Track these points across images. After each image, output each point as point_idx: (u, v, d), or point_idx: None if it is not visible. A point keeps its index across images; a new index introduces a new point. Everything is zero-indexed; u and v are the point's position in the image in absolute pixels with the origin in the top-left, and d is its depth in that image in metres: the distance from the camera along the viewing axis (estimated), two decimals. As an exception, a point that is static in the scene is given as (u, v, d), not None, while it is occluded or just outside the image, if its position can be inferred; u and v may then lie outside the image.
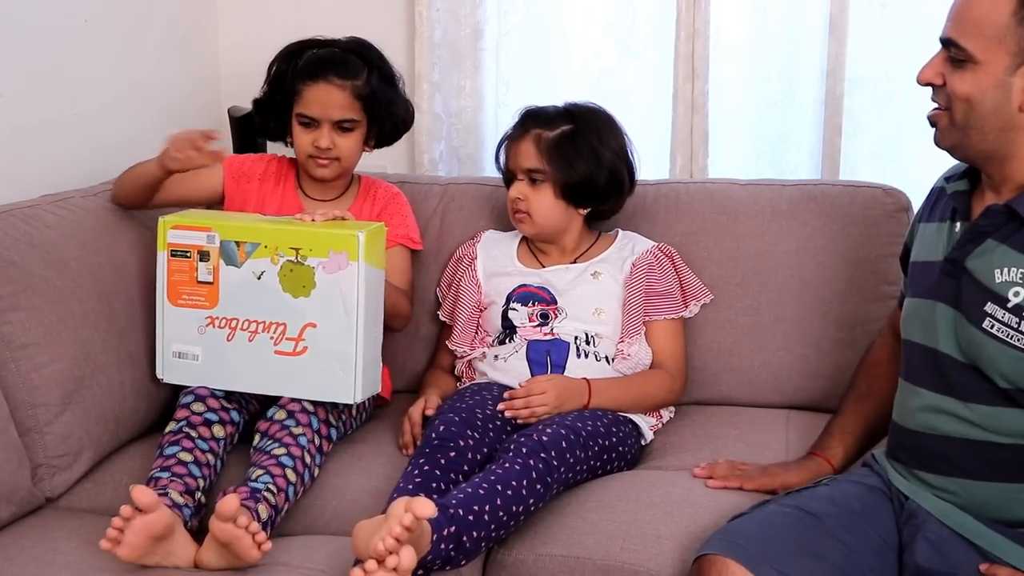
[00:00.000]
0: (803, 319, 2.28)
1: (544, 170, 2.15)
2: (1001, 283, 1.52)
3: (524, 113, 2.23)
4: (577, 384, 2.07)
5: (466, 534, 1.67)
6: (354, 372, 1.93)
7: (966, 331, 1.56)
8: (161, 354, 2.03)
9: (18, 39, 2.20)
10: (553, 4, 2.77)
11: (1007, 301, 1.51)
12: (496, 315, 2.22)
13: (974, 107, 1.52)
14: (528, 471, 1.79)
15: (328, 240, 1.91)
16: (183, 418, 1.92)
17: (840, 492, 1.68)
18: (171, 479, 1.80)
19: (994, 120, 1.52)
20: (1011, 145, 1.54)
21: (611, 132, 2.20)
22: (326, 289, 1.92)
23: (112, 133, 2.49)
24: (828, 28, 2.61)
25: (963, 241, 1.59)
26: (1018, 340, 1.50)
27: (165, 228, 1.99)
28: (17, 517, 1.81)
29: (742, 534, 1.59)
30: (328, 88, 2.14)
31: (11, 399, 1.85)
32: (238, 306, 1.97)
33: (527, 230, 2.23)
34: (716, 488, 1.88)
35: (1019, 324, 1.50)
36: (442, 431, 1.92)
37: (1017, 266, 1.51)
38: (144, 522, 1.61)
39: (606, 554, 1.76)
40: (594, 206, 2.22)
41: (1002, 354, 1.52)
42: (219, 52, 2.92)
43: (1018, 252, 1.52)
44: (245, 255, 1.95)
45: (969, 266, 1.57)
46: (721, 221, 2.32)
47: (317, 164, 2.19)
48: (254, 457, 1.89)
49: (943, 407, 1.61)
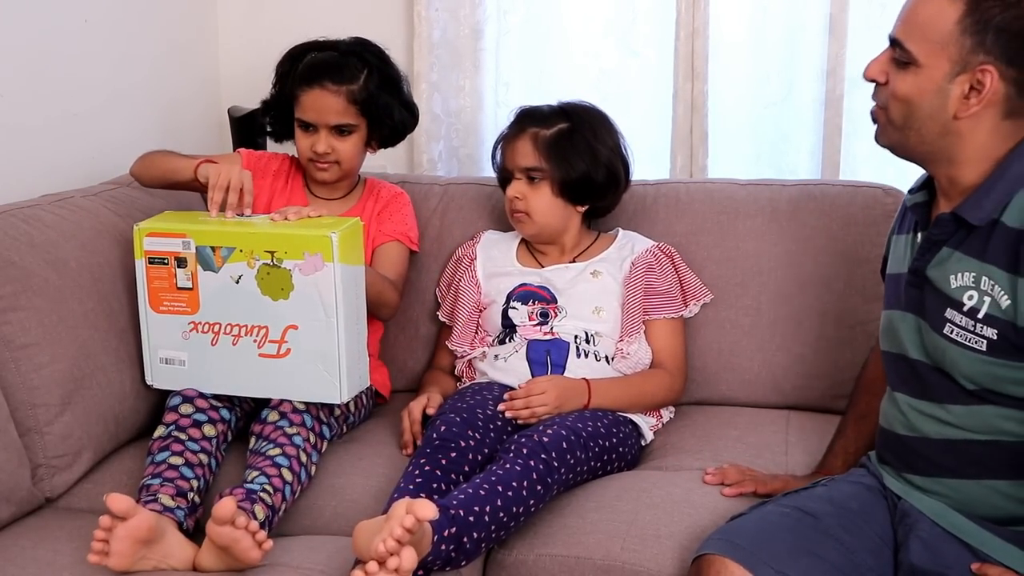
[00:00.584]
0: (803, 319, 2.28)
1: (542, 168, 2.16)
2: (956, 288, 1.55)
3: (520, 112, 2.24)
4: (577, 384, 2.07)
5: (466, 535, 1.67)
6: (338, 372, 1.92)
7: (930, 338, 1.59)
8: (149, 360, 2.02)
9: (18, 39, 2.19)
10: (553, 4, 2.77)
11: (962, 305, 1.54)
12: (496, 314, 2.22)
13: (912, 109, 1.54)
14: (529, 472, 1.79)
15: (302, 242, 1.89)
16: (171, 422, 1.91)
17: (838, 492, 1.69)
18: (162, 484, 1.79)
19: (931, 124, 1.54)
20: (951, 149, 1.55)
21: (606, 129, 2.22)
22: (304, 291, 1.90)
23: (112, 133, 2.49)
24: (828, 28, 2.61)
25: (922, 251, 1.62)
26: (975, 343, 1.52)
27: (141, 236, 1.97)
28: (17, 517, 1.81)
29: (741, 534, 1.59)
30: (323, 94, 2.14)
31: (11, 399, 1.84)
32: (219, 311, 1.95)
33: (527, 230, 2.23)
34: (732, 496, 1.87)
35: (974, 327, 1.52)
36: (443, 431, 1.92)
37: (968, 271, 1.53)
38: (126, 528, 1.60)
39: (606, 554, 1.76)
40: (592, 203, 2.23)
41: (962, 357, 1.54)
42: (219, 52, 2.91)
43: (969, 257, 1.54)
44: (222, 260, 1.93)
45: (930, 275, 1.59)
46: (721, 221, 2.32)
47: (317, 168, 2.19)
48: (250, 460, 1.88)
49: (922, 410, 1.63)
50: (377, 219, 2.26)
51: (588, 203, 2.22)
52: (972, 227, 1.54)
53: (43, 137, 2.27)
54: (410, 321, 2.39)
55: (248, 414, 2.05)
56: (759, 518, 1.64)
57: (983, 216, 1.53)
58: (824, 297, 2.27)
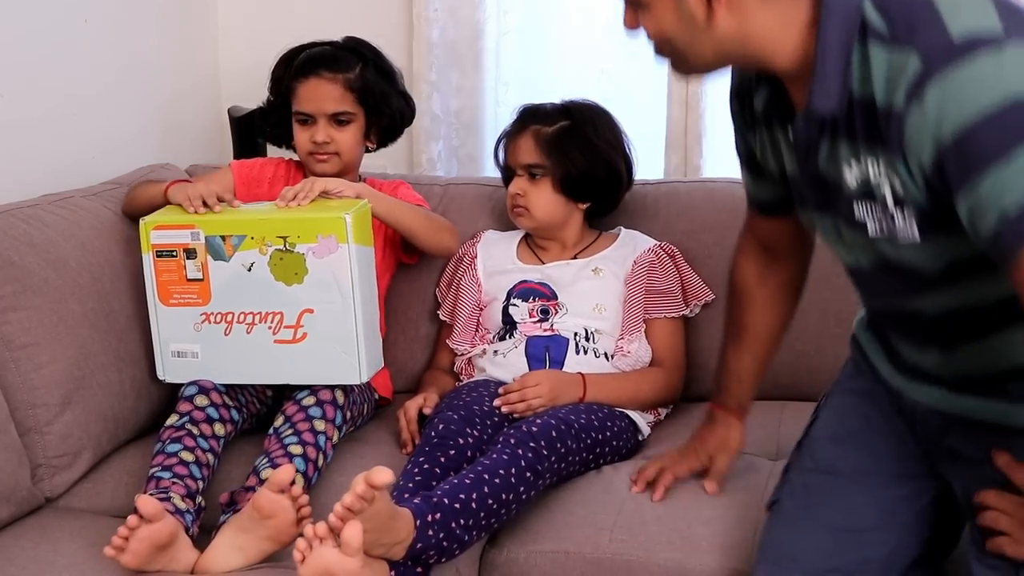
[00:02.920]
0: (802, 315, 2.25)
1: (543, 165, 2.17)
2: (855, 180, 1.36)
3: (522, 110, 2.26)
4: (572, 377, 2.08)
5: (454, 521, 1.66)
6: (357, 353, 1.94)
7: (851, 235, 1.42)
8: (160, 355, 2.02)
9: (18, 39, 2.20)
10: (553, 4, 2.77)
11: (862, 193, 1.35)
12: (496, 311, 2.22)
13: (673, 40, 1.40)
14: (516, 460, 1.79)
15: (315, 225, 1.90)
16: (186, 412, 1.90)
17: (842, 428, 1.62)
18: (173, 480, 1.79)
19: (699, 42, 1.38)
20: (744, 50, 1.38)
21: (608, 127, 2.23)
22: (319, 274, 1.91)
23: (112, 133, 2.49)
24: (827, 27, 2.60)
25: (801, 153, 1.43)
26: (885, 226, 1.34)
27: (147, 229, 1.97)
28: (17, 517, 1.81)
29: (785, 555, 1.57)
30: (319, 82, 2.16)
31: (11, 399, 1.84)
32: (232, 299, 1.96)
33: (526, 224, 2.24)
34: (660, 499, 1.83)
35: (884, 212, 1.34)
36: (441, 429, 1.92)
37: (854, 157, 1.34)
38: (149, 531, 1.61)
39: (595, 547, 1.78)
40: (593, 200, 2.23)
41: (903, 251, 1.36)
42: (219, 52, 2.91)
43: (850, 142, 1.34)
44: (232, 248, 1.93)
45: (823, 171, 1.41)
46: (722, 219, 2.31)
47: (317, 160, 2.20)
48: (269, 444, 1.88)
49: (896, 306, 1.50)
50: None
51: (589, 200, 2.23)
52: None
53: (43, 137, 2.27)
54: (410, 321, 2.39)
55: (253, 416, 2.05)
56: (792, 526, 1.61)
57: (834, 104, 1.33)
58: (824, 293, 2.26)
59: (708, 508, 1.81)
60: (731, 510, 1.81)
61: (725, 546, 1.75)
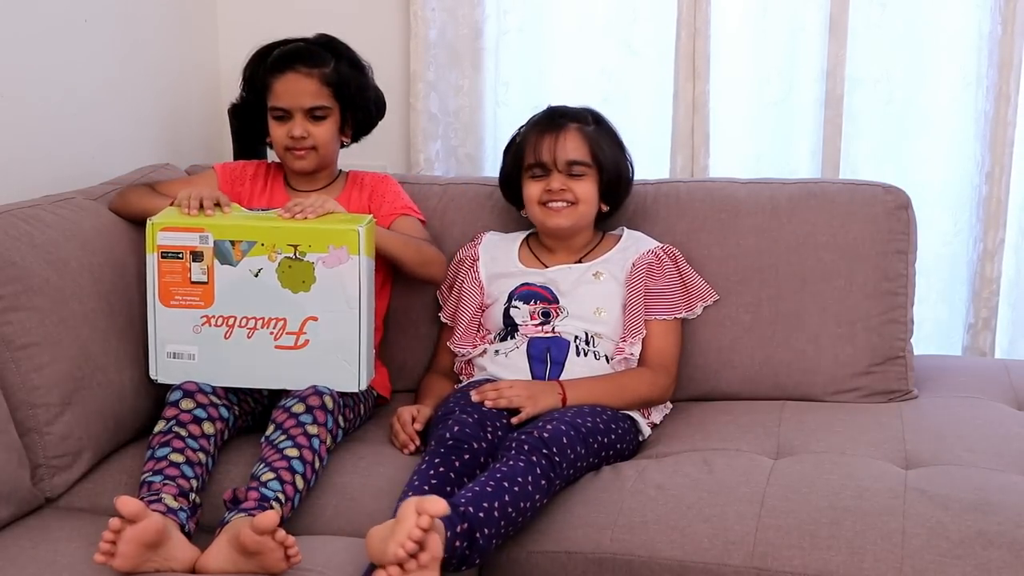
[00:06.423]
0: (803, 315, 2.28)
1: (588, 163, 2.19)
2: None
3: (553, 110, 2.26)
4: (546, 384, 2.09)
5: (479, 531, 1.67)
6: (358, 362, 1.97)
7: None
8: (155, 355, 2.02)
9: (18, 39, 2.19)
10: (553, 3, 2.77)
11: None
12: (498, 313, 2.22)
13: None
14: (533, 467, 1.79)
15: (327, 236, 1.93)
16: (172, 417, 1.89)
17: None
18: (164, 482, 1.79)
19: None
20: None
21: (615, 131, 2.28)
22: (326, 283, 1.94)
23: (113, 133, 2.49)
24: (828, 28, 2.61)
25: None
26: None
27: (155, 231, 1.97)
28: (17, 517, 1.80)
29: None
30: (296, 77, 2.18)
31: (11, 399, 1.84)
32: (235, 304, 1.97)
33: (564, 221, 2.21)
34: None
35: None
36: (456, 431, 1.92)
37: None
38: (134, 531, 1.60)
39: (596, 546, 1.78)
40: (614, 203, 2.27)
41: None
42: (219, 51, 2.92)
43: None
44: (241, 254, 1.95)
45: None
46: (722, 219, 2.32)
47: (295, 156, 2.22)
48: (265, 451, 1.87)
49: None
50: (371, 204, 2.28)
51: (611, 203, 2.26)
52: None
53: (43, 137, 2.27)
54: (410, 322, 2.39)
55: (248, 414, 2.05)
56: None
57: None
58: (824, 294, 2.27)
59: (708, 507, 1.81)
60: (731, 508, 1.81)
61: (726, 545, 1.75)
